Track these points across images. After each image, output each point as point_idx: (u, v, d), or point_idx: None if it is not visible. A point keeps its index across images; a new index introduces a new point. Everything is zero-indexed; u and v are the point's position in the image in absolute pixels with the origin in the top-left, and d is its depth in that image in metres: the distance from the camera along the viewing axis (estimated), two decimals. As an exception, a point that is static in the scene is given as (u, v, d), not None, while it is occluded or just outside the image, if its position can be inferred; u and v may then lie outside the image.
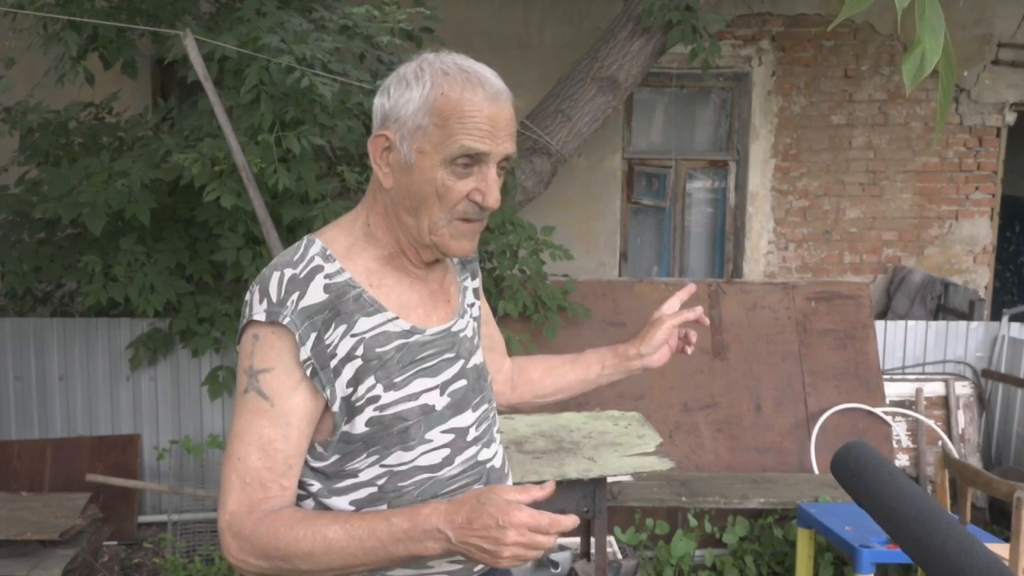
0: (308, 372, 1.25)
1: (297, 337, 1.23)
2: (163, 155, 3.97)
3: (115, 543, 4.33)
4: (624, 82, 4.85)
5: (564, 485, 2.88)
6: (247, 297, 1.30)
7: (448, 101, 1.25)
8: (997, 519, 4.65)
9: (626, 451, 2.98)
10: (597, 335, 4.76)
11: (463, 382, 1.39)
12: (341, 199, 4.16)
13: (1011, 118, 6.17)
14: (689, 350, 1.55)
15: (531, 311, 4.54)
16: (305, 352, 1.24)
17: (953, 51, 1.35)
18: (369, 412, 1.28)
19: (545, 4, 5.98)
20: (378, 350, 1.28)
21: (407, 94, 1.28)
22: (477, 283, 1.55)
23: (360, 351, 1.27)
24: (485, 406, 1.45)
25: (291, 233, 4.17)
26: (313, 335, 1.24)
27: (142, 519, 4.55)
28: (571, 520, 1.16)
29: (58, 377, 4.62)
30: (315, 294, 1.25)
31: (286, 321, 1.23)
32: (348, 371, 1.26)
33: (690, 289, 1.62)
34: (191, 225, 4.44)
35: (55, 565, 3.44)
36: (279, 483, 1.25)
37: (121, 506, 4.42)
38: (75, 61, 3.97)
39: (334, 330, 1.25)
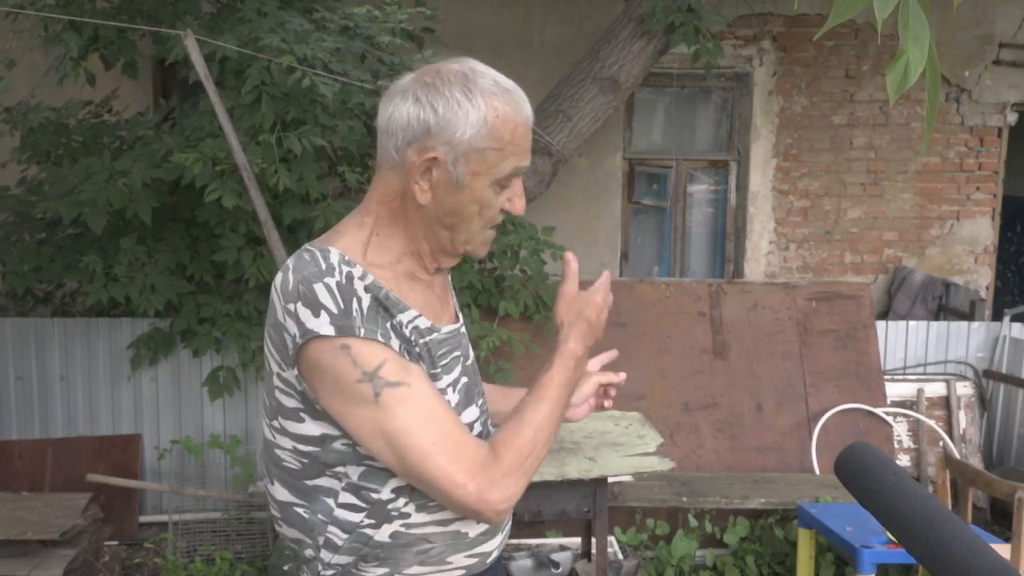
0: (406, 357, 1.28)
1: (380, 337, 1.25)
2: (164, 155, 3.97)
3: (116, 543, 4.33)
4: (625, 82, 4.85)
5: (564, 485, 2.88)
6: (279, 318, 1.26)
7: (505, 125, 1.29)
8: (998, 519, 4.64)
9: (627, 451, 2.98)
10: (598, 335, 4.76)
11: (466, 379, 1.43)
12: (342, 199, 4.16)
13: (1012, 118, 6.16)
14: (607, 404, 1.57)
15: (532, 311, 4.54)
16: (395, 342, 1.27)
17: (938, 61, 1.34)
18: None
19: (546, 4, 5.97)
20: (420, 341, 1.32)
21: (462, 115, 1.27)
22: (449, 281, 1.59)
23: (415, 340, 1.31)
24: (482, 400, 1.49)
25: (292, 233, 4.18)
26: (388, 325, 1.26)
27: (143, 519, 4.55)
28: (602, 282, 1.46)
29: (59, 377, 4.62)
30: (364, 297, 1.25)
31: (363, 333, 1.23)
32: (417, 356, 1.31)
33: (620, 376, 1.61)
34: (192, 225, 4.44)
35: (56, 565, 3.44)
36: (468, 433, 1.29)
37: (122, 506, 4.42)
38: (76, 62, 3.97)
39: (397, 317, 1.28)
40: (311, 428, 1.30)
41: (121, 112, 4.76)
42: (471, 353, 1.50)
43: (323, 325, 1.22)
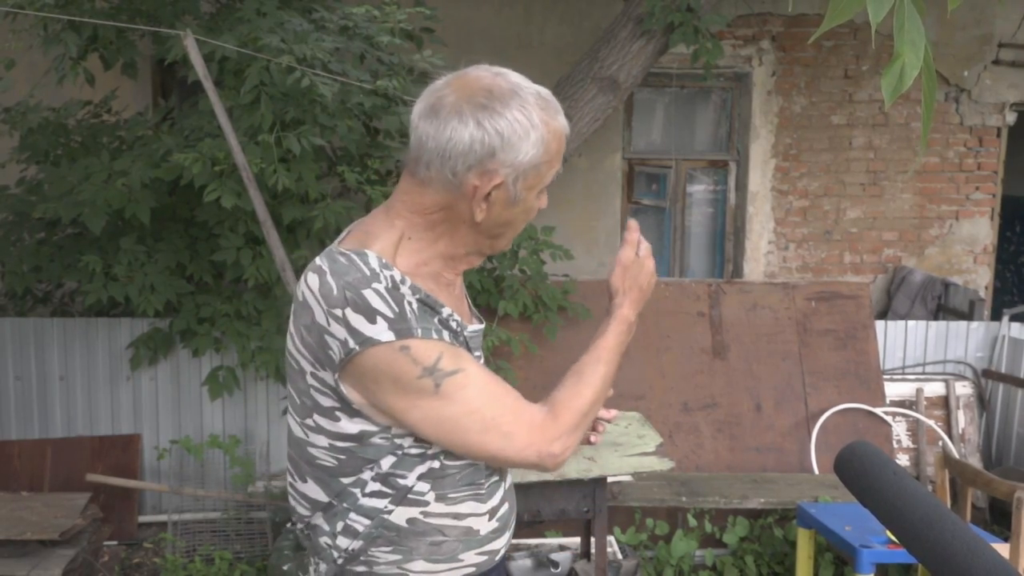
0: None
1: (434, 334, 1.30)
2: (163, 155, 3.97)
3: (115, 543, 4.33)
4: (624, 82, 4.85)
5: (564, 485, 2.88)
6: (317, 319, 1.28)
7: (555, 138, 1.34)
8: (997, 519, 4.65)
9: (626, 451, 2.98)
10: (597, 335, 4.75)
11: None
12: (341, 199, 4.16)
13: (1011, 118, 6.16)
14: (594, 438, 1.56)
15: (531, 311, 4.54)
16: (446, 336, 1.32)
17: (934, 64, 1.34)
18: None
19: (545, 4, 5.97)
20: (461, 332, 1.37)
21: (526, 138, 1.30)
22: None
23: (459, 332, 1.36)
24: None
25: (291, 233, 4.18)
26: (436, 320, 1.31)
27: (142, 519, 4.55)
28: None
29: (58, 377, 4.62)
30: (411, 299, 1.29)
31: (420, 334, 1.28)
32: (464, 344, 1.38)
33: (612, 414, 1.61)
34: (191, 225, 4.43)
35: (55, 565, 3.44)
36: (522, 399, 1.36)
37: (121, 506, 4.42)
38: (75, 62, 3.96)
39: (441, 315, 1.33)
40: (348, 426, 1.33)
41: (120, 112, 4.75)
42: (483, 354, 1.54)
43: (382, 332, 1.25)
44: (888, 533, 3.06)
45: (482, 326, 1.49)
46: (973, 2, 5.94)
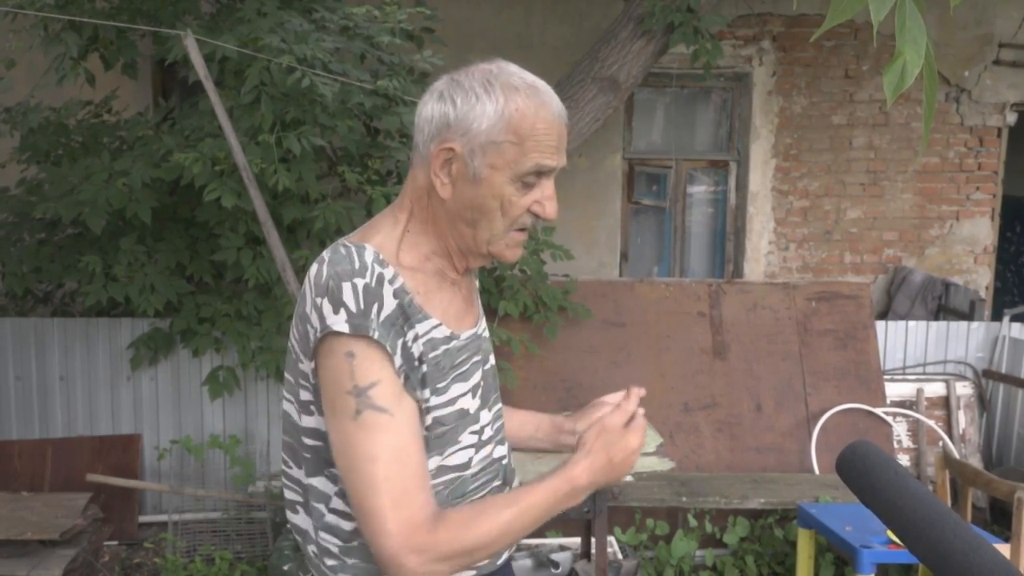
0: (403, 379, 1.25)
1: (388, 347, 1.23)
2: (164, 155, 3.97)
3: (115, 543, 4.33)
4: (625, 82, 4.85)
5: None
6: (309, 312, 1.26)
7: (525, 118, 1.27)
8: (997, 519, 4.65)
9: (626, 451, 2.97)
10: (597, 335, 4.76)
11: (484, 383, 1.42)
12: (342, 199, 4.16)
13: (1012, 118, 6.16)
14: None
15: (532, 311, 4.54)
16: (398, 360, 1.24)
17: (936, 63, 1.34)
18: (426, 418, 1.29)
19: (546, 4, 5.98)
20: (430, 356, 1.29)
21: (479, 107, 1.27)
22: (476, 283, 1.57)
23: (422, 357, 1.28)
24: (498, 405, 1.48)
25: (291, 233, 4.18)
26: (400, 342, 1.24)
27: (143, 519, 4.55)
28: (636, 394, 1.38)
29: (59, 377, 4.62)
30: (389, 302, 1.24)
31: (376, 336, 1.22)
32: (421, 376, 1.28)
33: (638, 392, 1.58)
34: (191, 225, 4.44)
35: (55, 565, 3.44)
36: (425, 489, 1.24)
37: (122, 506, 4.42)
38: (75, 62, 3.97)
39: (409, 333, 1.26)
40: (320, 422, 1.30)
41: (121, 112, 4.76)
42: (492, 358, 1.49)
43: (339, 322, 1.22)
44: (888, 533, 3.06)
45: (475, 330, 1.41)
46: (973, 2, 5.94)
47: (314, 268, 1.29)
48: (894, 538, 3.05)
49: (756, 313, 4.89)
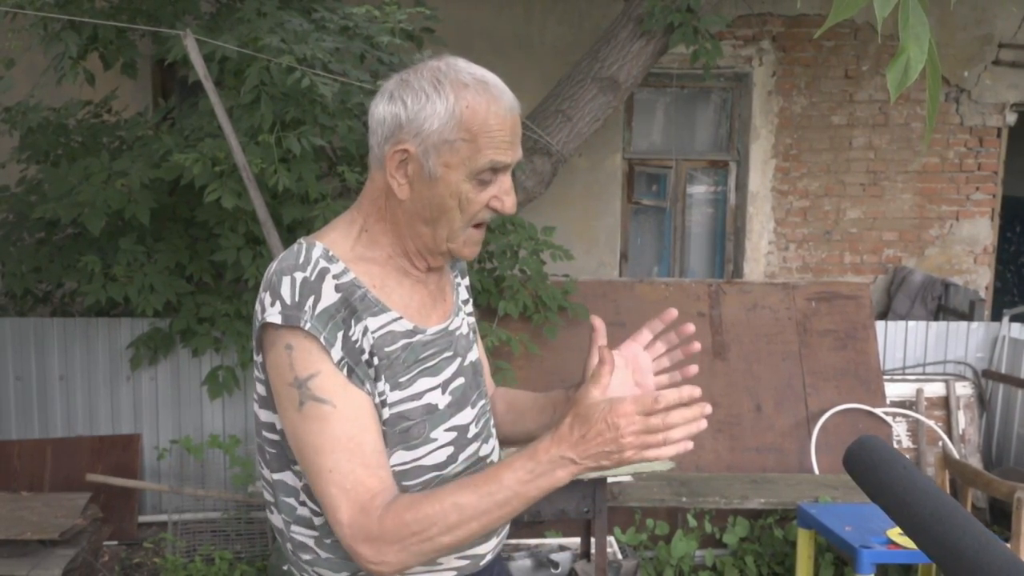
0: (345, 372, 1.24)
1: (323, 340, 1.22)
2: (163, 155, 3.97)
3: (115, 543, 4.33)
4: (625, 82, 4.85)
5: (564, 485, 2.88)
6: (256, 306, 1.28)
7: (476, 116, 1.26)
8: (997, 519, 4.64)
9: (626, 451, 2.97)
10: (597, 335, 4.75)
11: (462, 379, 1.41)
12: (341, 199, 4.16)
13: (1012, 118, 6.16)
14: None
15: (531, 311, 4.54)
16: (337, 353, 1.23)
17: (939, 60, 1.34)
18: (383, 412, 1.29)
19: (546, 4, 5.97)
20: (386, 349, 1.29)
21: (429, 107, 1.26)
22: (467, 281, 1.56)
23: (374, 350, 1.28)
24: (482, 402, 1.46)
25: (291, 233, 4.17)
26: (340, 334, 1.24)
27: (142, 519, 4.55)
28: (686, 391, 1.23)
29: (58, 377, 4.62)
30: (328, 295, 1.24)
31: (308, 327, 1.21)
32: (371, 369, 1.27)
33: (672, 313, 1.55)
34: (191, 225, 4.44)
35: (55, 565, 3.44)
36: (378, 475, 1.23)
37: (121, 506, 4.42)
38: (75, 62, 3.96)
39: (355, 326, 1.25)
40: (275, 417, 1.31)
41: (120, 112, 4.75)
42: (472, 354, 1.47)
43: (274, 314, 1.23)
44: (888, 533, 3.06)
45: (445, 324, 1.39)
46: (973, 2, 5.94)
47: (270, 265, 1.31)
48: (894, 538, 3.06)
49: (756, 313, 4.89)
